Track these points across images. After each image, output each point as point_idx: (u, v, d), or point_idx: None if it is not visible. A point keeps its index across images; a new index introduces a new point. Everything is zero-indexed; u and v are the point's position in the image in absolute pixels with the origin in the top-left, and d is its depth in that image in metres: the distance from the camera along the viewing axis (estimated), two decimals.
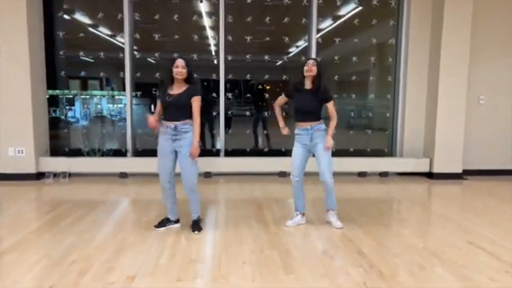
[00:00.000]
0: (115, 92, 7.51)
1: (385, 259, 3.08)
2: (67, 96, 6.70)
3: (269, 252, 3.19)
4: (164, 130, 3.52)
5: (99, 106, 7.76)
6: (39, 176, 5.77)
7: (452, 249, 3.30)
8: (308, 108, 3.71)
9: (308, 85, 3.73)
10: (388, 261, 3.04)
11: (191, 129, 3.49)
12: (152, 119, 3.49)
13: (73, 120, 7.06)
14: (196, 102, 3.48)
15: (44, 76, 5.99)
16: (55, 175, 5.86)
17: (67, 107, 6.86)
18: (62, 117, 6.67)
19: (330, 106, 3.74)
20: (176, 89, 3.50)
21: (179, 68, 3.42)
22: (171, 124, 3.49)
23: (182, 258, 3.05)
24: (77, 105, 7.25)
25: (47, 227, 3.76)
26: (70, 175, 5.91)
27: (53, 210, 4.30)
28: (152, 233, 3.58)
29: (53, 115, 6.58)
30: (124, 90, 6.30)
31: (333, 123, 3.75)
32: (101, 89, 7.44)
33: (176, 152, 3.55)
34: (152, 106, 7.33)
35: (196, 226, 3.68)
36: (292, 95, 3.82)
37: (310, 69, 3.65)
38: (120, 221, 3.98)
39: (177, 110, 3.48)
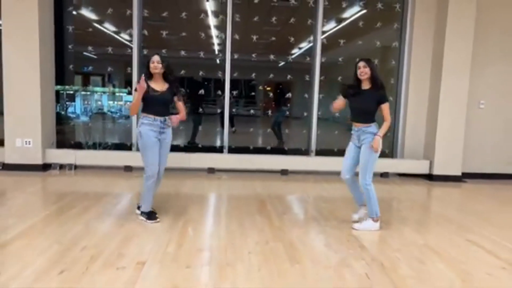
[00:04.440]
0: (116, 89, 7.58)
1: (386, 253, 3.17)
2: (67, 91, 6.77)
3: (274, 244, 3.27)
4: (151, 122, 3.63)
5: (99, 102, 7.81)
6: (46, 167, 5.86)
7: (451, 247, 3.40)
8: (362, 109, 3.70)
9: (366, 85, 3.70)
10: (389, 255, 3.13)
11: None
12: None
13: (73, 116, 7.11)
14: (181, 101, 3.84)
15: (53, 69, 6.07)
16: (61, 167, 5.95)
17: (68, 103, 6.89)
18: (62, 112, 6.73)
19: (385, 108, 3.64)
20: (158, 85, 3.67)
21: (155, 63, 3.64)
22: (161, 118, 3.67)
23: (189, 247, 3.14)
24: (77, 101, 7.29)
25: (55, 216, 3.84)
26: (76, 167, 6.00)
27: (60, 201, 4.38)
28: (158, 224, 3.67)
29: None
30: (125, 87, 6.39)
31: (385, 124, 3.66)
32: (103, 85, 7.51)
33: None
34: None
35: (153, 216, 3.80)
36: (348, 95, 3.78)
37: (363, 71, 3.61)
38: (126, 212, 4.06)
39: (164, 106, 3.71)
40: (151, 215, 3.72)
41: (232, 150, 6.56)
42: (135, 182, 5.51)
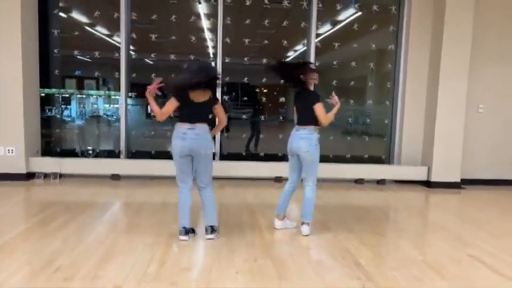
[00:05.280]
0: (112, 92, 7.39)
1: (383, 272, 2.97)
2: (63, 95, 6.57)
3: (262, 262, 3.07)
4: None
5: (95, 106, 7.63)
6: (29, 176, 5.63)
7: (452, 263, 3.20)
8: None
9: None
10: (386, 274, 2.93)
11: None
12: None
13: (68, 119, 6.92)
14: None
15: (37, 74, 5.85)
16: (46, 175, 5.72)
17: (63, 106, 6.71)
18: (58, 116, 6.53)
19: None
20: None
21: None
22: None
23: (172, 266, 2.93)
24: (73, 105, 7.11)
25: (34, 230, 3.63)
26: (61, 176, 5.77)
27: (41, 212, 4.16)
28: (142, 239, 3.45)
29: (49, 114, 6.45)
30: (119, 90, 6.19)
31: None
32: (98, 89, 7.32)
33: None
34: (149, 107, 7.21)
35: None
36: None
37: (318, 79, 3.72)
38: (109, 225, 3.85)
39: None
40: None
41: (224, 156, 6.36)
42: (121, 191, 5.31)
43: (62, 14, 6.09)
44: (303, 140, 3.61)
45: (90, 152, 6.23)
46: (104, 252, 3.14)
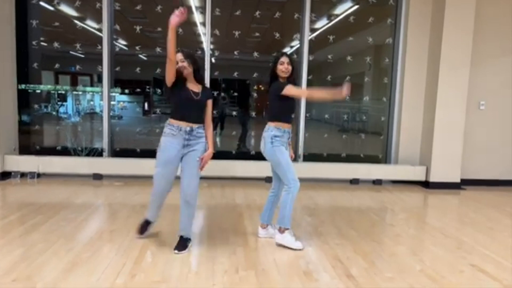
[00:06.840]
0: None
1: (377, 284, 2.68)
2: (58, 91, 6.29)
3: (244, 273, 2.78)
4: (174, 132, 3.05)
5: (91, 102, 7.34)
6: (5, 175, 5.32)
7: (453, 273, 2.92)
8: (294, 109, 3.47)
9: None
10: (380, 286, 2.64)
11: (203, 134, 3.17)
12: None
13: (64, 116, 6.59)
14: (211, 105, 3.22)
15: (14, 68, 5.53)
16: (23, 175, 5.41)
17: (59, 103, 6.41)
18: (54, 113, 6.24)
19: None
20: (194, 87, 3.11)
21: (179, 64, 2.99)
22: (187, 127, 3.06)
23: (144, 278, 2.64)
24: (69, 101, 6.80)
25: None
26: (39, 175, 5.46)
27: (10, 215, 3.86)
28: (115, 246, 3.16)
29: (45, 110, 6.19)
30: (115, 86, 5.91)
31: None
32: (92, 85, 7.03)
33: (182, 158, 3.11)
34: (146, 104, 6.94)
35: (181, 245, 3.14)
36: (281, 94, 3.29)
37: (287, 69, 3.26)
38: (81, 230, 3.54)
39: (198, 112, 3.12)
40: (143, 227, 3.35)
41: (213, 156, 6.03)
42: (101, 192, 5.00)
43: (42, 4, 5.74)
44: (262, 140, 3.36)
45: (77, 149, 5.88)
46: (70, 260, 2.85)
